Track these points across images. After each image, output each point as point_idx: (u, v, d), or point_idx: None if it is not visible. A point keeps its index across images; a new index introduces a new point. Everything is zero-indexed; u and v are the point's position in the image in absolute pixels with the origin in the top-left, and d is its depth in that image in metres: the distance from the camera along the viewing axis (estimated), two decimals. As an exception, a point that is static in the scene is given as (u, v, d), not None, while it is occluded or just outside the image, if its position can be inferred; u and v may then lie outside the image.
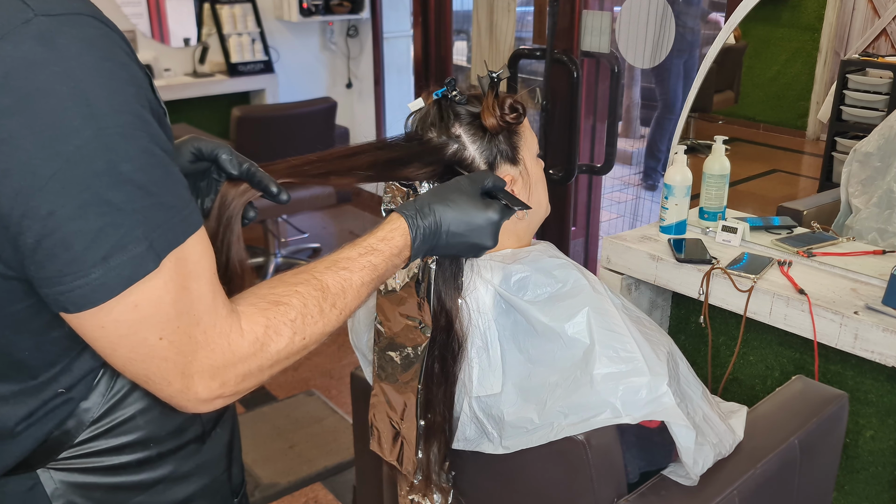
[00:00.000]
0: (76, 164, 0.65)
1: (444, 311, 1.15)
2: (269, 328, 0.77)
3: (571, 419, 1.10)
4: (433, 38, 4.00)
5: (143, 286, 0.68)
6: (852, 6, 2.17)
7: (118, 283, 0.67)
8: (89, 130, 0.65)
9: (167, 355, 0.71)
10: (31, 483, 0.81)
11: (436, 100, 1.18)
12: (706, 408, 1.23)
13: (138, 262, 0.67)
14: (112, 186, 0.66)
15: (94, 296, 0.67)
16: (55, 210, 0.65)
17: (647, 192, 4.40)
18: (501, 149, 1.18)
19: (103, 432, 0.82)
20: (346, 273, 0.86)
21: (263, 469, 2.52)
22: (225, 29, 4.43)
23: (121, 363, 0.73)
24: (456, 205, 0.99)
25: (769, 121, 2.43)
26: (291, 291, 0.80)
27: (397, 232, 0.94)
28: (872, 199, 1.92)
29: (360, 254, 0.90)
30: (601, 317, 1.13)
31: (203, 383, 0.74)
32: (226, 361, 0.74)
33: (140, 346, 0.71)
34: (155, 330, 0.70)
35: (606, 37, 2.85)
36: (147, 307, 0.69)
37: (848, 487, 1.82)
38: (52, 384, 0.79)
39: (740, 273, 1.74)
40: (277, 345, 0.78)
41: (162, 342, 0.71)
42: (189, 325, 0.72)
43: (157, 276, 0.69)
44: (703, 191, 1.99)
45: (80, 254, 0.66)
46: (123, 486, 0.84)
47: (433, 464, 1.22)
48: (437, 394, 1.18)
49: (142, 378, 0.74)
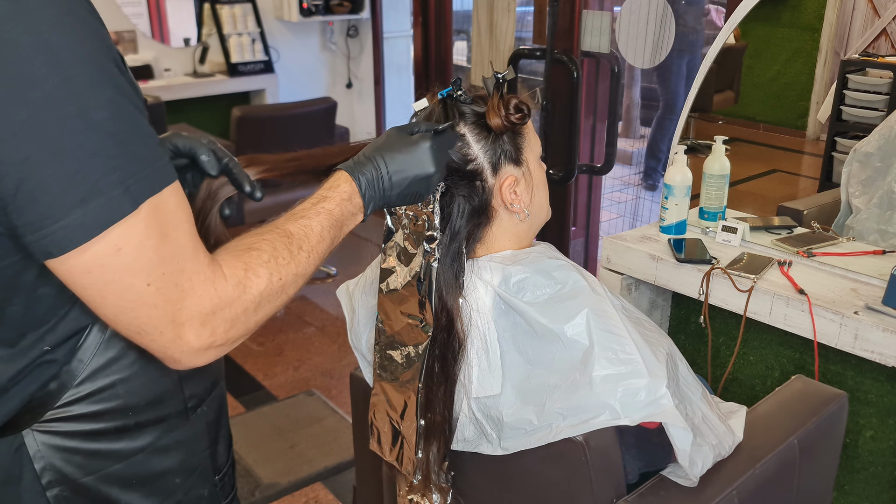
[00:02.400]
0: (47, 109, 0.67)
1: (446, 310, 1.15)
2: (247, 270, 0.80)
3: (570, 420, 1.10)
4: (433, 38, 4.00)
5: (123, 228, 0.70)
6: (852, 6, 2.16)
7: (97, 224, 0.69)
8: (56, 78, 0.67)
9: (156, 302, 0.73)
10: (16, 444, 0.84)
11: (441, 99, 1.18)
12: (706, 409, 1.23)
13: (115, 204, 0.69)
14: (84, 131, 0.68)
15: (74, 236, 0.69)
16: (30, 154, 0.67)
17: (647, 192, 4.40)
18: (505, 149, 1.18)
19: (84, 396, 0.84)
20: (304, 220, 0.91)
21: (264, 469, 2.52)
22: (225, 29, 4.43)
23: (111, 313, 0.74)
24: (387, 145, 1.04)
25: (769, 121, 2.43)
26: (259, 240, 0.84)
27: (341, 180, 0.99)
28: (873, 199, 1.92)
29: (313, 203, 0.95)
30: (600, 318, 1.13)
31: (194, 331, 0.75)
32: (213, 307, 0.76)
33: (128, 293, 0.72)
34: (141, 275, 0.72)
35: (606, 37, 2.85)
36: (130, 252, 0.71)
37: (848, 487, 1.82)
38: (38, 343, 0.82)
39: (740, 273, 1.74)
40: (258, 286, 0.80)
41: (150, 288, 0.72)
42: (174, 272, 0.73)
43: (137, 220, 0.71)
44: (703, 191, 1.99)
45: (58, 196, 0.68)
46: (102, 453, 0.87)
47: (432, 464, 1.23)
48: (437, 393, 1.18)
49: (134, 329, 0.75)
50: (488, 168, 1.17)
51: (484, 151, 1.17)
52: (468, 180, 1.16)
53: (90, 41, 0.70)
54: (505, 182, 1.18)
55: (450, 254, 1.15)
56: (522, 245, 1.25)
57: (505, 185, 1.18)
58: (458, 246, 1.16)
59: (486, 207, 1.18)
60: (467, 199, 1.16)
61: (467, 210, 1.16)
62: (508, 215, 1.21)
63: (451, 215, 1.15)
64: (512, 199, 1.19)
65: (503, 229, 1.22)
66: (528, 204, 1.22)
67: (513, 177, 1.19)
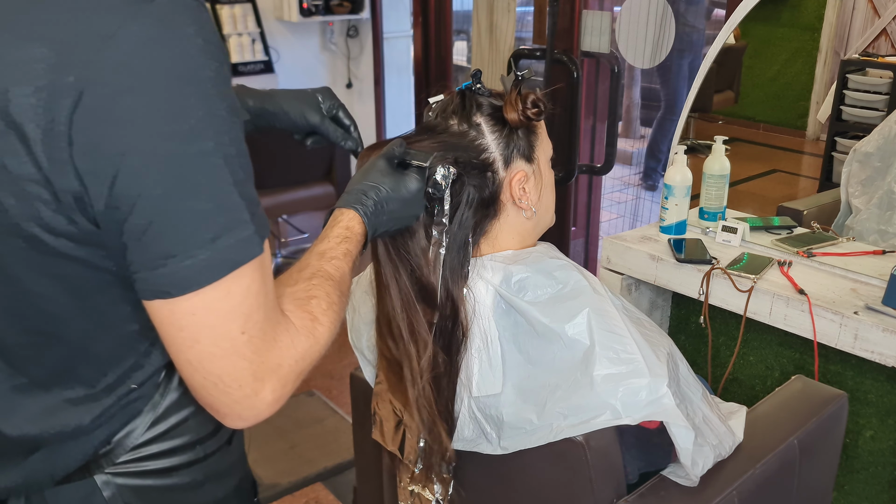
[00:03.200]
0: (190, 143, 0.65)
1: (451, 299, 1.16)
2: (314, 320, 0.79)
3: (571, 420, 1.10)
4: (433, 38, 4.00)
5: (242, 271, 0.67)
6: (852, 6, 2.17)
7: (224, 265, 0.66)
8: (202, 110, 0.65)
9: (245, 353, 0.70)
10: (87, 490, 0.81)
11: (460, 91, 1.20)
12: (706, 409, 1.23)
13: (245, 244, 0.67)
14: (220, 168, 0.66)
15: (199, 277, 0.66)
16: (169, 189, 0.64)
17: (647, 192, 4.40)
18: (519, 144, 1.19)
19: (160, 435, 0.82)
20: (336, 262, 0.91)
21: (264, 469, 2.52)
22: (225, 29, 4.43)
23: (196, 359, 0.69)
24: (385, 185, 1.03)
25: (769, 121, 2.43)
26: (310, 286, 0.83)
27: (354, 221, 0.98)
28: (873, 199, 1.92)
29: (337, 243, 0.94)
30: (601, 318, 1.13)
31: (270, 386, 0.72)
32: (292, 359, 0.74)
33: (223, 340, 0.69)
34: (239, 322, 0.69)
35: (606, 37, 2.85)
36: (238, 295, 0.68)
37: (848, 487, 1.82)
38: (124, 381, 0.79)
39: (740, 273, 1.74)
40: (325, 335, 0.80)
41: (243, 336, 0.69)
42: (264, 320, 0.71)
43: (252, 269, 0.68)
44: (703, 191, 1.99)
45: (189, 234, 0.65)
46: (176, 488, 0.85)
47: (434, 454, 1.23)
48: (440, 382, 1.18)
49: (212, 380, 0.70)
50: (500, 160, 1.18)
51: (497, 144, 1.18)
52: (479, 171, 1.17)
53: (226, 73, 0.69)
54: (515, 176, 1.19)
55: (456, 242, 1.16)
56: (525, 245, 1.25)
57: (515, 180, 1.19)
58: (465, 235, 1.17)
59: (495, 200, 1.19)
60: (477, 189, 1.17)
61: (476, 200, 1.17)
62: (515, 211, 1.21)
63: (460, 203, 1.16)
64: (520, 195, 1.20)
65: (509, 225, 1.22)
66: (536, 202, 1.22)
67: (523, 172, 1.20)
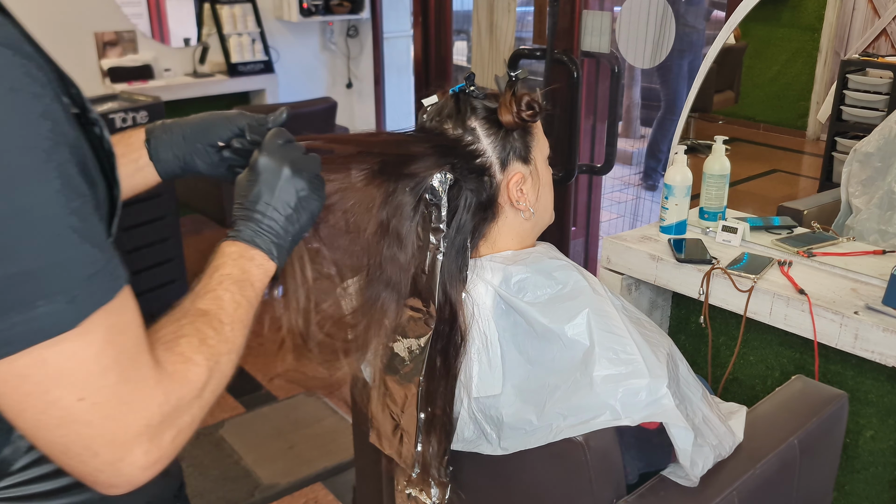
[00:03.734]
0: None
1: (449, 304, 1.16)
2: (186, 361, 0.72)
3: (571, 421, 1.10)
4: (433, 38, 4.00)
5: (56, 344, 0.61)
6: (852, 6, 2.17)
7: (19, 341, 0.59)
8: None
9: (90, 419, 0.63)
10: None
11: (453, 93, 1.19)
12: (706, 409, 1.23)
13: (51, 319, 0.60)
14: (17, 233, 0.58)
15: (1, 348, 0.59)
16: None
17: (647, 192, 4.40)
18: (515, 146, 1.19)
19: (41, 457, 0.74)
20: (211, 294, 0.81)
21: (263, 469, 2.52)
22: (225, 29, 4.43)
23: (30, 429, 0.63)
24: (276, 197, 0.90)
25: (769, 121, 2.43)
26: (178, 327, 0.76)
27: (223, 245, 0.88)
28: (873, 199, 1.92)
29: (209, 276, 0.84)
30: (601, 318, 1.13)
31: (141, 448, 0.66)
32: (160, 416, 0.67)
33: (53, 409, 0.62)
34: (72, 389, 0.62)
35: (606, 37, 2.85)
36: (59, 363, 0.61)
37: (848, 487, 1.82)
38: None
39: (740, 273, 1.74)
40: (200, 376, 0.73)
41: (82, 403, 0.62)
42: (118, 382, 0.64)
43: (78, 334, 0.61)
44: (703, 191, 1.99)
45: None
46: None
47: (432, 458, 1.23)
48: (438, 387, 1.18)
49: (58, 449, 0.64)
50: (497, 164, 1.18)
51: (493, 147, 1.17)
52: (476, 174, 1.16)
53: (40, 122, 0.60)
54: (512, 179, 1.19)
55: (454, 247, 1.16)
56: (525, 245, 1.25)
57: (512, 182, 1.19)
58: (463, 239, 1.17)
59: (493, 203, 1.19)
60: (475, 193, 1.16)
61: (474, 204, 1.17)
62: (514, 213, 1.21)
63: (458, 208, 1.16)
64: (518, 197, 1.19)
65: (508, 227, 1.22)
66: (534, 203, 1.22)
67: (520, 174, 1.19)
